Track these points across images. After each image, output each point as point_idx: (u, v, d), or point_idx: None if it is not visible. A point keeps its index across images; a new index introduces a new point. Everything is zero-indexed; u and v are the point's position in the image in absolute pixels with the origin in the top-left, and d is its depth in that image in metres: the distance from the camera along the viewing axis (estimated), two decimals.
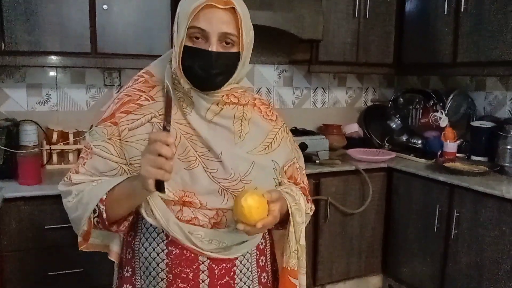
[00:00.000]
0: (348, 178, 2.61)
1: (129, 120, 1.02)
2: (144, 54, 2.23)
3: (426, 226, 2.51)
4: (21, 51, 2.04)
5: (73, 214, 1.03)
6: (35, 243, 1.94)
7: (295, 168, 1.17)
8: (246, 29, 0.98)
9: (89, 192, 1.00)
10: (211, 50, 0.96)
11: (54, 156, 2.30)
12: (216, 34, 0.95)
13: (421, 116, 2.91)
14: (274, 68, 3.00)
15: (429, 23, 2.76)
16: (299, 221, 1.09)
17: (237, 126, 1.06)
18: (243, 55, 1.00)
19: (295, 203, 1.09)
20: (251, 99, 1.11)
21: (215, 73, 0.98)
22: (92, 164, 1.03)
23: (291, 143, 1.18)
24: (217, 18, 0.95)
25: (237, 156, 1.03)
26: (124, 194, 0.98)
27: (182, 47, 0.97)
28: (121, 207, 1.00)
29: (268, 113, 1.13)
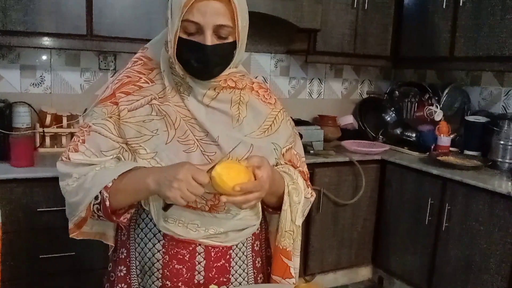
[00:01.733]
0: (341, 169, 2.62)
1: (129, 101, 1.01)
2: (140, 38, 2.19)
3: (417, 218, 2.53)
4: (16, 31, 2.01)
5: (71, 199, 1.01)
6: (27, 226, 1.93)
7: (292, 154, 1.15)
8: (241, 16, 0.96)
9: (92, 177, 0.98)
10: (206, 44, 0.93)
11: (47, 139, 2.28)
12: (211, 27, 0.93)
13: (416, 109, 2.91)
14: (271, 57, 2.99)
15: (427, 17, 2.75)
16: (295, 200, 1.08)
17: (234, 110, 1.05)
18: (240, 42, 0.99)
19: (293, 182, 1.08)
20: (248, 83, 1.10)
21: (211, 66, 0.97)
22: (92, 142, 1.00)
23: (292, 125, 1.16)
24: (211, 10, 0.92)
25: (234, 139, 1.03)
26: (132, 187, 0.96)
27: (177, 38, 0.95)
28: (126, 198, 0.99)
29: (266, 96, 1.12)
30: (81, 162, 1.00)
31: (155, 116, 1.01)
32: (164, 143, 1.00)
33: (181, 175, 0.89)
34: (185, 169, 0.90)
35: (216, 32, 0.95)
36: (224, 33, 0.95)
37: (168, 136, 1.00)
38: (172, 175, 0.89)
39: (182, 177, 0.89)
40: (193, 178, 0.89)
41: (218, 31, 0.95)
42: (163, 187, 0.90)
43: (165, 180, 0.90)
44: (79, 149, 1.00)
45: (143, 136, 1.00)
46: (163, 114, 1.01)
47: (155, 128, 1.00)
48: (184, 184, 0.88)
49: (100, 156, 1.00)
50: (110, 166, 0.99)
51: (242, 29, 0.97)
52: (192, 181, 0.89)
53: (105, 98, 1.03)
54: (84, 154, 1.00)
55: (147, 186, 0.93)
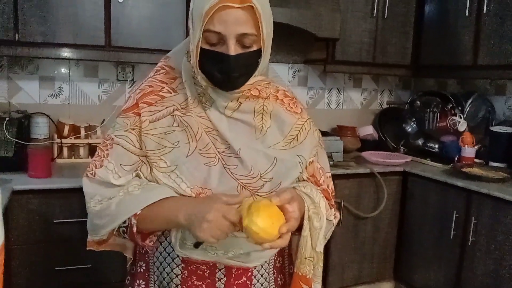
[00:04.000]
0: (362, 181, 2.55)
1: (151, 111, 0.98)
2: (158, 49, 2.20)
3: (441, 232, 2.44)
4: (35, 42, 2.02)
5: (95, 221, 0.98)
6: (43, 237, 1.91)
7: (316, 168, 1.08)
8: (266, 22, 0.91)
9: (117, 204, 0.95)
10: (230, 54, 0.89)
11: (65, 150, 2.28)
12: (234, 36, 0.89)
13: (438, 119, 2.83)
14: (289, 67, 2.95)
15: (449, 24, 2.69)
16: (316, 226, 1.01)
17: (257, 121, 1.00)
18: (265, 49, 0.94)
19: (314, 205, 1.01)
20: (273, 91, 1.05)
21: (236, 76, 0.93)
22: (115, 155, 0.98)
23: (318, 137, 1.10)
24: (233, 19, 0.87)
25: (257, 152, 0.98)
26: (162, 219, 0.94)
27: (199, 49, 0.91)
28: (154, 226, 0.96)
29: (292, 105, 1.06)
30: (105, 181, 0.97)
31: (176, 127, 0.97)
32: (185, 155, 0.96)
33: (211, 215, 0.85)
34: (215, 209, 0.86)
35: (240, 41, 0.90)
36: (248, 42, 0.91)
37: (189, 148, 0.96)
38: (202, 215, 0.86)
39: (212, 218, 0.85)
40: (223, 217, 0.86)
41: (241, 40, 0.90)
42: (193, 227, 0.87)
43: (195, 220, 0.87)
44: (104, 163, 0.98)
45: (164, 148, 0.96)
46: (185, 125, 0.97)
47: (176, 140, 0.96)
48: (215, 224, 0.85)
49: (121, 172, 0.97)
50: (134, 191, 0.96)
51: (267, 36, 0.93)
52: (222, 221, 0.86)
53: (127, 108, 1.00)
54: (108, 168, 0.97)
55: (178, 220, 0.91)
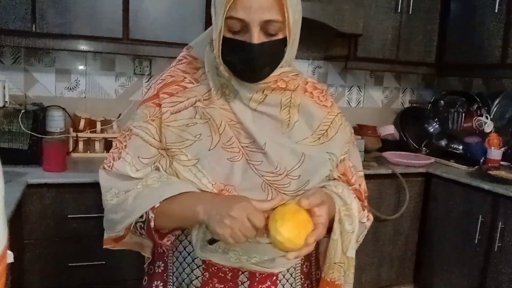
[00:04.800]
0: (383, 182, 2.47)
1: (173, 102, 0.92)
2: (176, 42, 2.15)
3: (465, 236, 2.35)
4: (52, 33, 1.98)
5: (110, 215, 0.93)
6: (57, 232, 1.87)
7: (347, 167, 1.01)
8: (292, 8, 0.85)
9: (134, 198, 0.89)
10: (253, 43, 0.83)
11: (80, 144, 2.24)
12: (257, 23, 0.82)
13: (463, 120, 2.73)
14: (309, 63, 2.88)
15: (476, 21, 2.59)
16: (348, 229, 0.93)
17: (284, 114, 0.93)
18: (291, 37, 0.87)
19: (346, 207, 0.93)
20: (301, 83, 0.98)
21: (259, 66, 0.86)
22: (133, 147, 0.92)
23: (351, 132, 1.03)
24: (257, 5, 0.81)
25: (283, 147, 0.92)
26: (180, 213, 0.87)
27: (221, 38, 0.86)
28: (171, 222, 0.90)
29: (322, 98, 0.99)
30: (123, 174, 0.92)
31: (198, 119, 0.91)
32: (207, 149, 0.90)
33: (235, 212, 0.78)
34: (241, 206, 0.79)
35: (264, 28, 0.84)
36: (272, 29, 0.84)
37: (212, 141, 0.90)
38: (225, 211, 0.79)
39: (236, 215, 0.78)
40: (248, 219, 0.79)
41: (266, 28, 0.84)
42: (213, 221, 0.80)
43: (217, 214, 0.80)
44: (122, 155, 0.93)
45: (185, 141, 0.90)
46: (208, 118, 0.91)
47: (198, 133, 0.90)
48: (237, 223, 0.78)
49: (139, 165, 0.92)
50: (153, 184, 0.90)
51: (294, 23, 0.86)
52: (246, 221, 0.78)
53: (147, 98, 0.95)
54: (126, 160, 0.92)
55: (196, 214, 0.84)
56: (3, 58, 2.23)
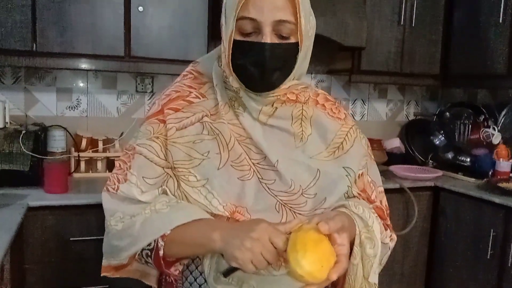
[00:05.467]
0: (391, 197, 2.40)
1: (178, 118, 0.88)
2: (178, 59, 2.13)
3: (477, 251, 2.29)
4: (53, 52, 1.96)
5: (115, 242, 0.88)
6: (59, 256, 1.82)
7: (366, 182, 0.95)
8: (305, 13, 0.82)
9: (142, 224, 0.84)
10: (264, 42, 0.80)
11: (82, 163, 2.20)
12: (270, 23, 0.80)
13: (470, 132, 2.69)
14: (311, 77, 2.86)
15: (480, 32, 2.57)
16: (369, 253, 0.87)
17: (296, 127, 0.89)
18: (303, 45, 0.84)
19: (367, 229, 0.87)
20: (312, 95, 0.94)
21: (270, 69, 0.82)
22: (137, 166, 0.88)
23: (367, 145, 0.99)
24: (270, 4, 0.79)
25: (297, 164, 0.87)
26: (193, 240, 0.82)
27: (231, 42, 0.82)
28: (183, 251, 0.84)
29: (334, 110, 0.96)
30: (129, 197, 0.87)
31: (206, 135, 0.87)
32: (216, 168, 0.86)
33: (256, 233, 0.73)
34: (262, 227, 0.74)
35: (276, 30, 0.81)
36: (285, 31, 0.82)
37: (220, 160, 0.86)
38: (245, 233, 0.74)
39: (258, 236, 0.73)
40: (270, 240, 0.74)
41: (278, 29, 0.81)
42: (231, 245, 0.75)
43: (236, 238, 0.75)
44: (127, 177, 0.88)
45: (192, 160, 0.86)
46: (216, 133, 0.87)
47: (206, 150, 0.86)
48: (258, 246, 0.73)
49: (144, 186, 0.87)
50: (162, 209, 0.84)
51: (305, 31, 0.83)
52: (268, 243, 0.73)
53: (151, 114, 0.91)
54: (131, 181, 0.87)
55: (211, 242, 0.79)
56: (3, 78, 2.21)
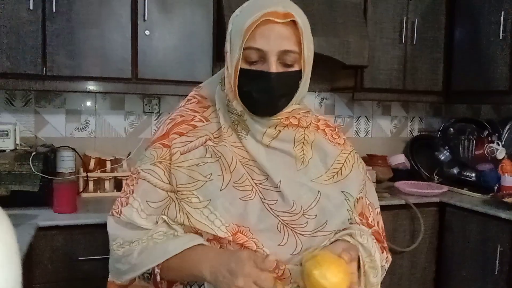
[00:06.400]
0: (397, 213, 2.43)
1: (183, 142, 0.92)
2: (184, 81, 2.17)
3: (484, 267, 2.28)
4: (62, 76, 2.01)
5: (116, 264, 0.93)
6: (67, 275, 1.84)
7: (365, 204, 0.99)
8: (307, 42, 0.86)
9: (139, 253, 0.88)
10: (271, 72, 0.84)
11: (91, 183, 2.24)
12: (276, 53, 0.84)
13: (474, 147, 2.71)
14: (315, 95, 2.90)
15: (481, 48, 2.60)
16: (373, 282, 0.91)
17: (298, 150, 0.93)
18: (305, 73, 0.89)
19: (370, 259, 0.91)
20: (313, 121, 0.98)
21: (276, 97, 0.87)
22: (141, 191, 0.92)
23: (364, 170, 1.02)
24: (276, 34, 0.83)
25: (299, 185, 0.90)
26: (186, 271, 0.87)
27: (238, 70, 0.86)
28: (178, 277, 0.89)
29: (334, 136, 1.00)
30: (130, 221, 0.91)
31: (209, 158, 0.90)
32: (219, 189, 0.88)
33: (241, 282, 0.76)
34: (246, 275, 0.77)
35: (281, 59, 0.85)
36: (289, 60, 0.85)
37: (223, 181, 0.89)
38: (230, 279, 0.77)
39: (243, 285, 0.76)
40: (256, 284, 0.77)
41: (283, 58, 0.85)
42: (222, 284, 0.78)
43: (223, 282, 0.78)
44: (129, 201, 0.92)
45: (196, 182, 0.89)
46: (218, 156, 0.90)
47: (209, 172, 0.89)
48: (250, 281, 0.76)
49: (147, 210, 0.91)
50: (158, 238, 0.89)
51: (307, 58, 0.87)
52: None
53: (157, 138, 0.95)
54: (133, 206, 0.91)
55: (202, 275, 0.83)
56: (14, 101, 2.27)
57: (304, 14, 0.89)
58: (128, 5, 2.08)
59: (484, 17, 2.59)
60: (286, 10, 0.83)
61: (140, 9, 2.09)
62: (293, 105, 0.92)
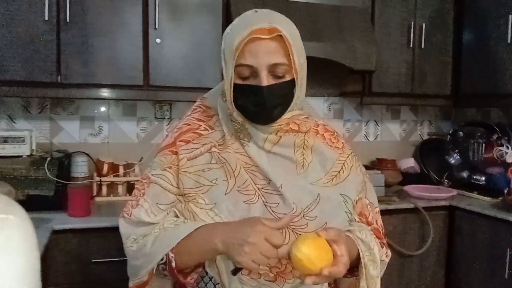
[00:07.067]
0: (406, 217, 2.44)
1: (189, 149, 0.97)
2: (194, 87, 2.22)
3: (494, 271, 2.28)
4: (76, 83, 2.08)
5: (133, 262, 0.97)
6: (81, 278, 1.90)
7: (364, 204, 1.03)
8: (297, 52, 0.91)
9: (153, 242, 0.93)
10: (262, 86, 0.89)
11: (104, 188, 2.30)
12: (265, 67, 0.89)
13: (484, 150, 2.70)
14: (324, 100, 2.92)
15: (489, 52, 2.61)
16: (373, 274, 0.95)
17: (298, 155, 0.97)
18: (298, 80, 0.93)
19: (369, 252, 0.95)
20: (313, 126, 1.03)
21: (270, 108, 0.92)
22: (151, 194, 0.97)
23: (363, 173, 1.06)
24: (264, 50, 0.88)
25: (299, 188, 0.95)
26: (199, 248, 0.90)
27: (232, 86, 0.92)
28: (192, 259, 0.92)
29: (333, 140, 1.04)
30: (141, 220, 0.96)
31: (214, 164, 0.95)
32: (223, 193, 0.93)
33: (253, 238, 0.80)
34: (257, 231, 0.81)
35: (272, 72, 0.90)
36: (280, 72, 0.90)
37: (227, 186, 0.94)
38: (242, 238, 0.81)
39: (254, 241, 0.80)
40: (266, 240, 0.80)
41: (273, 71, 0.90)
42: (233, 250, 0.82)
43: (235, 243, 0.82)
44: (139, 202, 0.97)
45: (202, 186, 0.94)
46: (223, 162, 0.95)
47: (214, 178, 0.94)
48: (257, 248, 0.80)
49: (157, 211, 0.96)
50: (169, 227, 0.93)
51: (299, 66, 0.92)
52: (265, 243, 0.80)
53: (165, 146, 1.00)
54: (143, 207, 0.96)
55: (215, 247, 0.86)
56: (30, 108, 2.34)
57: (292, 24, 0.93)
58: (139, 14, 2.14)
59: (491, 20, 2.60)
60: (272, 26, 0.88)
61: (151, 18, 2.15)
62: (293, 111, 0.96)
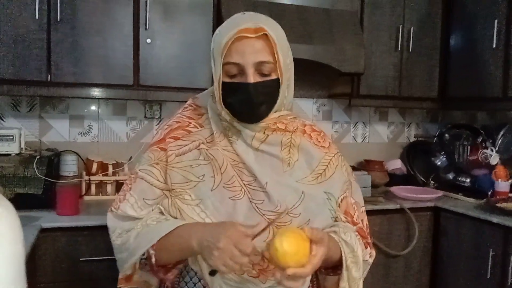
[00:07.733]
0: (392, 217, 2.48)
1: (178, 145, 1.00)
2: (185, 87, 2.24)
3: (477, 271, 2.32)
4: (66, 82, 2.08)
5: (118, 255, 1.00)
6: (70, 276, 1.90)
7: (349, 203, 1.06)
8: (282, 52, 0.94)
9: (135, 238, 0.96)
10: (248, 82, 0.92)
11: (93, 187, 2.30)
12: (251, 65, 0.92)
13: (469, 153, 2.75)
14: (313, 101, 2.95)
15: (476, 56, 2.66)
16: (355, 276, 0.97)
17: (285, 153, 1.00)
18: (284, 79, 0.96)
19: (353, 254, 0.97)
20: (300, 125, 1.05)
21: (256, 104, 0.95)
22: (138, 189, 1.00)
23: (348, 173, 1.09)
24: (250, 49, 0.92)
25: (284, 186, 0.97)
26: (177, 246, 0.93)
27: (221, 84, 0.95)
28: (172, 256, 0.96)
29: (320, 139, 1.06)
30: (127, 214, 0.99)
31: (202, 160, 0.98)
32: (210, 189, 0.96)
33: (221, 243, 0.83)
34: (228, 236, 0.83)
35: (258, 69, 0.93)
36: (266, 70, 0.93)
37: (214, 182, 0.96)
38: (213, 242, 0.84)
39: (223, 246, 0.83)
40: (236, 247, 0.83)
41: (259, 69, 0.93)
42: (205, 253, 0.86)
43: (207, 246, 0.85)
44: (126, 197, 1.00)
45: (189, 182, 0.97)
46: (210, 158, 0.98)
47: (202, 174, 0.97)
48: (225, 254, 0.82)
49: (143, 206, 0.99)
50: (152, 223, 0.96)
51: (284, 66, 0.95)
52: (234, 250, 0.82)
53: (154, 143, 1.04)
54: (129, 202, 0.99)
55: (191, 247, 0.90)
56: (19, 106, 2.34)
57: (278, 26, 0.97)
58: (130, 14, 2.15)
59: (479, 25, 2.65)
60: (257, 25, 0.92)
61: (142, 18, 2.16)
62: (280, 112, 0.99)
